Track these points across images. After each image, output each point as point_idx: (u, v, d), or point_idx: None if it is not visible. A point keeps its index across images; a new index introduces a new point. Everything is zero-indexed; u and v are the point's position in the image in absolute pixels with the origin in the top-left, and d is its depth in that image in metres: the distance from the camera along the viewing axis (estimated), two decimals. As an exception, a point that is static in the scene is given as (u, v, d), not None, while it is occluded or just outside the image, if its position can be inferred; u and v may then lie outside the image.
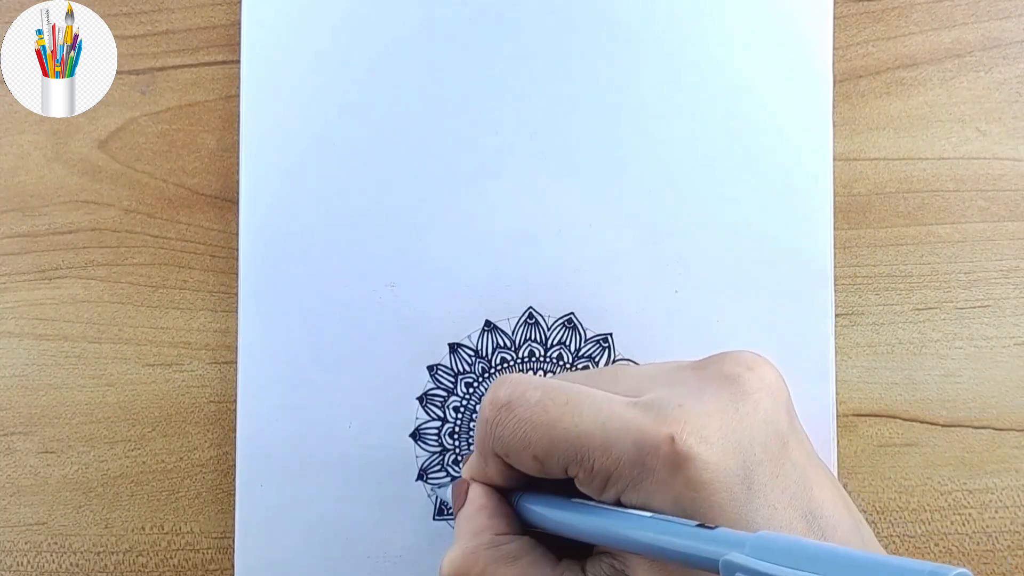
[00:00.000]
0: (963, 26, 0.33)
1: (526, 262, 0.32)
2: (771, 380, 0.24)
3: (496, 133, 0.32)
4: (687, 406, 0.22)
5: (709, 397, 0.23)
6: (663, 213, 0.32)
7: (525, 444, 0.24)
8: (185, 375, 0.32)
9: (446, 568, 0.25)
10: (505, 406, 0.24)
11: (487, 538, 0.25)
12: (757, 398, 0.23)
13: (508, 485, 0.27)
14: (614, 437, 0.22)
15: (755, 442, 0.22)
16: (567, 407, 0.24)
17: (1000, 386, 0.32)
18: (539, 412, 0.24)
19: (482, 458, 0.26)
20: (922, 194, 0.33)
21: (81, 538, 0.32)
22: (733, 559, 0.19)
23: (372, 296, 0.32)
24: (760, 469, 0.22)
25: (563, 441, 0.23)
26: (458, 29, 0.32)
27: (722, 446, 0.22)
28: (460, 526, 0.27)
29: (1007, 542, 0.32)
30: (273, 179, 0.32)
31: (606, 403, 0.23)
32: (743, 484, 0.22)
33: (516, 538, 0.26)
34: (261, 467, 0.31)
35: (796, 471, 0.23)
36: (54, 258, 0.33)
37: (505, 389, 0.25)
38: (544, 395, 0.24)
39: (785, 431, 0.23)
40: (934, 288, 0.32)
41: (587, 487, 0.24)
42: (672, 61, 0.32)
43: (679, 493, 0.22)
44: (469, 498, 0.27)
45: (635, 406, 0.23)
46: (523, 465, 0.25)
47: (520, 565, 0.25)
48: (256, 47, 0.32)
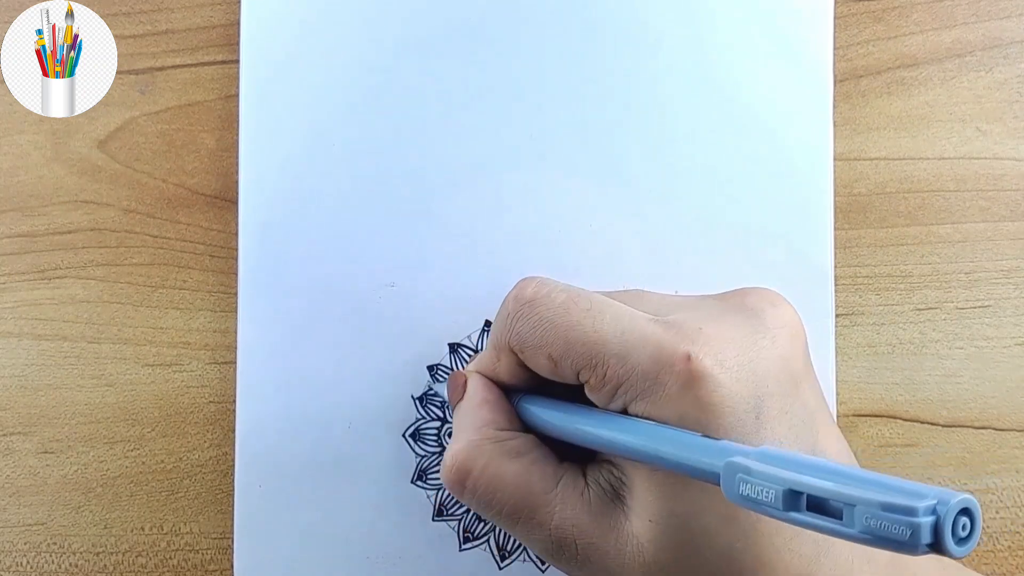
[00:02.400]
0: (964, 26, 0.33)
1: (526, 262, 0.32)
2: (792, 320, 0.24)
3: (496, 133, 0.32)
4: (707, 329, 0.23)
5: (730, 325, 0.23)
6: (663, 213, 0.32)
7: (543, 342, 0.24)
8: (184, 375, 0.32)
9: (449, 461, 0.25)
10: (529, 302, 0.25)
11: (490, 432, 0.25)
12: (776, 334, 0.23)
13: (514, 384, 0.26)
14: (631, 347, 0.23)
15: (769, 375, 0.22)
16: (589, 312, 0.24)
17: (1001, 386, 0.32)
18: (561, 313, 0.24)
19: (495, 352, 0.26)
20: (923, 194, 0.33)
21: (80, 538, 0.32)
22: (737, 460, 0.19)
23: (372, 296, 0.32)
24: (770, 402, 0.22)
25: (580, 344, 0.23)
26: (458, 29, 0.32)
27: (737, 372, 0.22)
28: (461, 420, 0.26)
29: (1007, 542, 0.32)
30: (272, 179, 0.32)
31: (628, 315, 0.24)
32: (751, 413, 0.22)
33: (519, 435, 0.26)
34: (260, 467, 0.31)
35: (805, 412, 0.23)
36: (53, 258, 0.33)
37: (532, 287, 0.25)
38: (568, 298, 0.24)
39: (800, 371, 0.23)
40: (935, 288, 0.32)
41: (596, 393, 0.24)
42: (672, 61, 0.32)
43: (687, 411, 0.22)
44: (469, 392, 0.27)
45: (656, 322, 0.23)
46: (536, 364, 0.25)
47: (523, 461, 0.25)
48: (255, 47, 0.32)
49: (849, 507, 0.17)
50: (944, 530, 0.16)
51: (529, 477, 0.24)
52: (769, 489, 0.18)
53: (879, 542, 0.16)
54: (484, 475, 0.24)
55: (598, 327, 0.23)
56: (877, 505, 0.16)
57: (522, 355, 0.25)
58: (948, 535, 0.16)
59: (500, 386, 0.27)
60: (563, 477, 0.24)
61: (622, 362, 0.23)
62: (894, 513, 0.16)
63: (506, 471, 0.24)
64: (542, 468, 0.25)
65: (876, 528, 0.16)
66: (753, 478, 0.18)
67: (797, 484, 0.18)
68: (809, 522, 0.18)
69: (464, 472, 0.25)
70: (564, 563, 0.24)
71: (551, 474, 0.24)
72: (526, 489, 0.24)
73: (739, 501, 0.19)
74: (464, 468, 0.25)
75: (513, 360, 0.26)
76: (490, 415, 0.26)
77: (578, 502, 0.24)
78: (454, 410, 0.27)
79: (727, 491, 0.19)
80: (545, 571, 0.31)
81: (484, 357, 0.27)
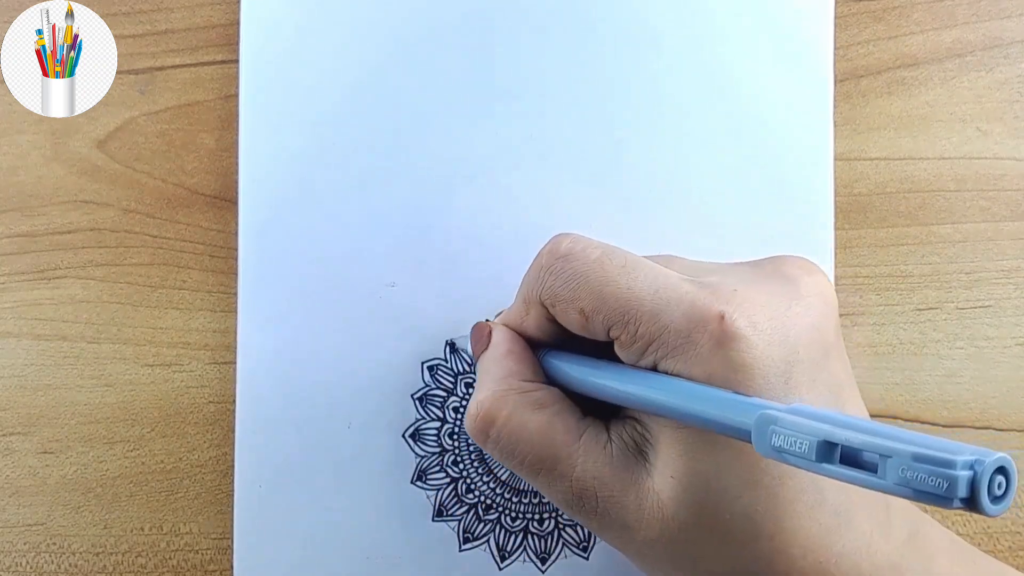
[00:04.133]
0: (964, 26, 0.33)
1: (526, 262, 0.32)
2: (826, 289, 0.24)
3: (496, 133, 0.32)
4: (741, 291, 0.23)
5: (764, 290, 0.23)
6: (663, 213, 0.32)
7: (575, 296, 0.24)
8: (184, 375, 0.32)
9: (473, 410, 0.25)
10: (564, 257, 0.25)
11: (515, 383, 0.25)
12: (810, 302, 0.23)
13: (540, 338, 0.26)
14: (665, 305, 0.22)
15: (800, 342, 0.22)
16: (624, 269, 0.24)
17: (1001, 386, 0.32)
18: (596, 268, 0.24)
19: (524, 305, 0.26)
20: (923, 194, 0.33)
21: (80, 539, 0.32)
22: (770, 412, 0.19)
23: (372, 296, 0.32)
24: (800, 368, 0.22)
25: (613, 300, 0.23)
26: (458, 29, 0.32)
27: (770, 336, 0.22)
28: (485, 369, 0.26)
29: (1007, 542, 0.32)
30: (272, 179, 0.32)
31: (662, 274, 0.24)
32: (781, 378, 0.22)
33: (544, 387, 0.26)
34: (260, 467, 0.31)
35: (833, 382, 0.23)
36: (53, 258, 0.33)
37: (567, 242, 0.25)
38: (604, 254, 0.24)
39: (831, 342, 0.23)
40: (935, 288, 0.32)
41: (626, 350, 0.24)
42: (672, 61, 0.32)
43: (717, 370, 0.22)
44: (494, 342, 0.27)
45: (690, 282, 0.23)
46: (566, 318, 0.25)
47: (547, 413, 0.25)
48: (255, 47, 0.32)
49: (884, 459, 0.17)
50: (980, 486, 0.16)
51: (552, 429, 0.24)
52: (803, 440, 0.18)
53: (914, 494, 0.16)
54: (508, 425, 0.24)
55: (632, 284, 0.23)
56: (914, 457, 0.16)
57: (553, 309, 0.25)
58: (984, 491, 0.16)
59: (525, 340, 0.27)
60: (586, 431, 0.24)
61: (655, 319, 0.23)
62: (931, 465, 0.16)
63: (530, 421, 0.24)
64: (566, 420, 0.25)
65: (912, 480, 0.16)
66: (786, 429, 0.18)
67: (832, 435, 0.18)
68: (843, 474, 0.17)
69: (488, 421, 0.25)
70: (583, 515, 0.24)
71: (574, 427, 0.24)
72: (549, 440, 0.24)
73: (770, 453, 0.19)
74: (488, 417, 0.25)
75: (542, 314, 0.26)
76: (515, 366, 0.26)
77: (600, 455, 0.24)
78: (477, 361, 0.27)
79: (758, 443, 0.19)
80: (545, 571, 0.31)
81: (511, 311, 0.27)
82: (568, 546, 0.31)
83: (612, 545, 0.25)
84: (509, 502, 0.31)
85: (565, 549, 0.31)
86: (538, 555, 0.31)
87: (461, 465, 0.31)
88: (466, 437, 0.32)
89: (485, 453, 0.31)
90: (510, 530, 0.31)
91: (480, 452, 0.31)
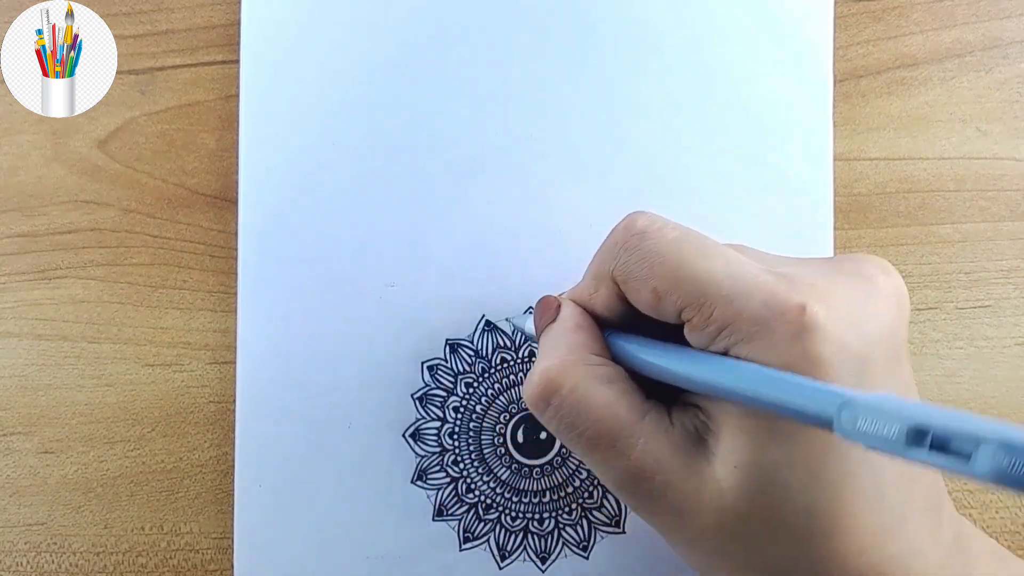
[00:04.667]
0: (963, 26, 0.33)
1: (525, 261, 0.32)
2: (903, 291, 0.24)
3: (496, 133, 0.32)
4: (821, 285, 0.22)
5: (842, 286, 0.23)
6: (663, 213, 0.32)
7: (650, 275, 0.24)
8: (185, 375, 0.32)
9: (536, 378, 0.25)
10: (640, 234, 0.24)
11: (584, 355, 0.25)
12: (889, 302, 0.23)
13: (607, 317, 0.26)
14: (743, 291, 0.22)
15: (877, 341, 0.22)
16: (701, 251, 0.23)
17: (1001, 386, 0.32)
18: (673, 248, 0.23)
19: (594, 282, 0.26)
20: (923, 194, 0.33)
21: (80, 538, 0.32)
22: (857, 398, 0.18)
23: (372, 296, 0.32)
24: (875, 369, 0.22)
25: (689, 281, 0.23)
26: (457, 29, 0.32)
27: (848, 332, 0.21)
28: (552, 339, 0.26)
29: (1007, 542, 0.32)
30: (272, 179, 0.32)
31: (739, 260, 0.23)
32: (856, 375, 0.21)
33: (610, 363, 0.25)
34: (260, 467, 0.31)
35: (903, 387, 0.23)
36: (53, 258, 0.33)
37: (644, 220, 0.24)
38: (682, 235, 0.24)
39: (902, 345, 0.23)
40: (935, 288, 0.32)
41: (697, 333, 0.23)
42: (672, 61, 0.32)
43: (792, 361, 0.21)
44: (563, 315, 0.26)
45: (768, 271, 0.23)
46: (638, 297, 0.24)
47: (613, 389, 0.24)
48: (255, 47, 0.32)
49: (977, 446, 0.16)
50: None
51: (617, 405, 0.24)
52: (892, 425, 0.17)
53: (1009, 482, 0.16)
54: (572, 395, 0.24)
55: (709, 267, 0.23)
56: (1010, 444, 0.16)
57: (624, 287, 0.25)
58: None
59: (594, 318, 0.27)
60: (650, 412, 0.24)
61: (730, 304, 0.22)
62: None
63: (595, 394, 0.24)
64: (631, 399, 0.24)
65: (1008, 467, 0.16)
66: (875, 414, 0.18)
67: (924, 420, 0.17)
68: (934, 461, 0.17)
69: (551, 390, 0.24)
70: (636, 498, 0.24)
71: (639, 407, 0.24)
72: (612, 416, 0.24)
73: (855, 437, 0.18)
74: (553, 386, 0.24)
75: (613, 291, 0.25)
76: (584, 339, 0.26)
77: (663, 438, 0.23)
78: (541, 333, 0.27)
79: (842, 427, 0.18)
80: (545, 571, 0.31)
81: (580, 287, 0.27)
82: (568, 546, 0.31)
83: (659, 531, 0.24)
84: (509, 502, 0.31)
85: (565, 549, 0.31)
86: (538, 555, 0.31)
87: (461, 465, 0.31)
88: (467, 437, 0.32)
89: (486, 452, 0.31)
90: (510, 530, 0.31)
91: (480, 452, 0.32)
